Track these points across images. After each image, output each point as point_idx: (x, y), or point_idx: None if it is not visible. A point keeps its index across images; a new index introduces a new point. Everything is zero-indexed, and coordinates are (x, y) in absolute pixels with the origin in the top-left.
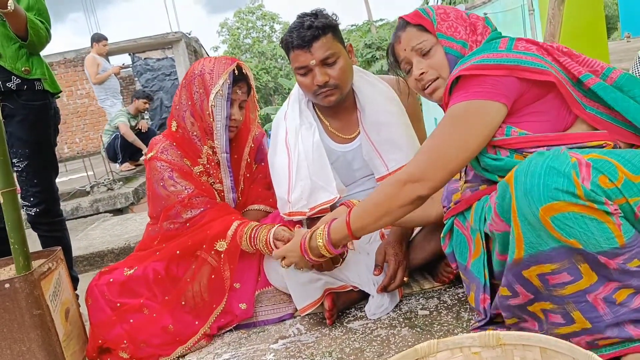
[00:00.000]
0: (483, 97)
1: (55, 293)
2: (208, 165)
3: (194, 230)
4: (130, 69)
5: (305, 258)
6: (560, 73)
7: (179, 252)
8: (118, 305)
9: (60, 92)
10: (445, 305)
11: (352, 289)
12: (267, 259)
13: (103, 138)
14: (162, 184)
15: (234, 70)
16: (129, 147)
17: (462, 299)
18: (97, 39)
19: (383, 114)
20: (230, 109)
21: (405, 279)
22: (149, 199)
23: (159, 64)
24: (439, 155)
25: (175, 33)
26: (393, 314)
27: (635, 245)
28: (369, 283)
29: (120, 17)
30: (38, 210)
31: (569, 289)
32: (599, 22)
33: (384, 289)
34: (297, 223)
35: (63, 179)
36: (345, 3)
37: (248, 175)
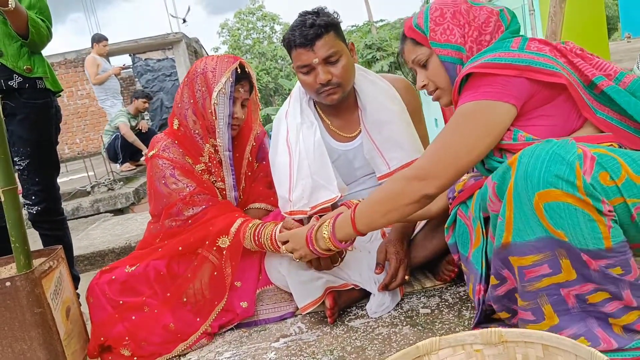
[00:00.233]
0: (493, 97)
1: (56, 291)
2: (210, 164)
3: (196, 227)
4: (131, 70)
5: (310, 248)
6: (572, 75)
7: (181, 248)
8: (120, 303)
9: (62, 90)
10: (447, 304)
11: (353, 288)
12: (268, 258)
13: (103, 138)
14: (163, 182)
15: (237, 69)
16: (130, 147)
17: (463, 298)
18: (97, 40)
19: (384, 113)
20: (233, 107)
21: (407, 278)
22: (151, 197)
23: (160, 65)
24: (447, 154)
25: (176, 34)
26: (394, 313)
27: (621, 253)
28: (370, 281)
29: (121, 17)
30: (39, 209)
31: (545, 282)
32: (600, 20)
33: (385, 288)
34: (298, 222)
35: (64, 179)
36: (346, 3)
37: (249, 174)
